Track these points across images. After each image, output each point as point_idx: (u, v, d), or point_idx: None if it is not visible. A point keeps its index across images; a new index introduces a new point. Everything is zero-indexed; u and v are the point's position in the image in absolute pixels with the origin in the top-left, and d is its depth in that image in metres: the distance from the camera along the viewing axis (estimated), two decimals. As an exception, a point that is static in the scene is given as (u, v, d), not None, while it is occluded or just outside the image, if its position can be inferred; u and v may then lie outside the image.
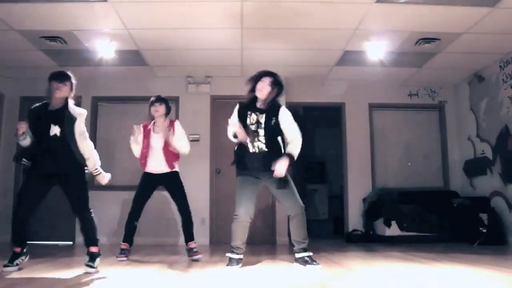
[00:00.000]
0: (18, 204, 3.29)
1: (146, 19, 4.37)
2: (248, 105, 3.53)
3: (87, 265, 3.14)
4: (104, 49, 5.01)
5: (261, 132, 3.44)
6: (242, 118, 3.50)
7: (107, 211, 5.79)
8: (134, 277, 2.98)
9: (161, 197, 5.51)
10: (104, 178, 3.41)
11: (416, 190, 6.07)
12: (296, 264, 3.41)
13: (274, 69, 5.79)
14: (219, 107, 6.15)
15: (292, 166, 3.40)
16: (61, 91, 3.28)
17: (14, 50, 5.10)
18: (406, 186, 6.19)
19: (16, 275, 2.95)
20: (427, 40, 4.81)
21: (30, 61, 5.47)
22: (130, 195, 5.75)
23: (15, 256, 3.16)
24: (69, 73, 3.33)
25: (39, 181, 3.17)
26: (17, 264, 3.14)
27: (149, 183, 4.19)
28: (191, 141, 5.79)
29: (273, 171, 3.29)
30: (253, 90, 3.51)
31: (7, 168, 5.93)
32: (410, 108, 6.54)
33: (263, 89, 3.46)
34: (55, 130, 3.19)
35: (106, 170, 5.97)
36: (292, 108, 6.39)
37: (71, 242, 5.76)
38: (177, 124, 4.21)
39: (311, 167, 8.14)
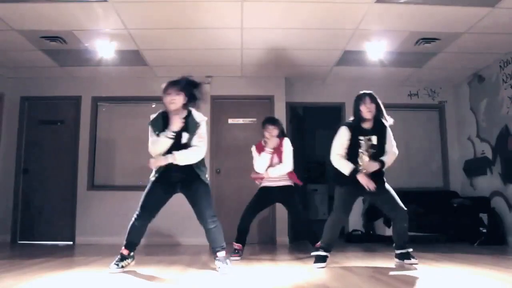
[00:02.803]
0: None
1: (146, 19, 4.37)
2: (355, 128, 3.54)
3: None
4: (104, 49, 5.00)
5: (373, 153, 3.53)
6: (354, 145, 3.52)
7: (108, 211, 5.80)
8: (134, 277, 2.98)
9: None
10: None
11: (416, 190, 6.06)
12: (396, 260, 3.65)
13: (274, 68, 5.86)
14: (219, 107, 6.15)
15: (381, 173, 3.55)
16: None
17: (14, 50, 5.10)
18: (406, 186, 6.19)
19: (16, 275, 2.95)
20: (427, 40, 4.81)
21: (30, 61, 5.47)
22: (130, 195, 5.79)
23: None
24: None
25: None
26: None
27: (267, 196, 4.26)
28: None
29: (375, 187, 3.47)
30: (358, 112, 3.54)
31: (7, 168, 5.93)
32: (410, 108, 6.54)
33: (371, 109, 3.50)
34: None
35: (105, 170, 6.08)
36: (292, 108, 6.44)
37: (71, 242, 5.75)
38: (286, 141, 4.26)
39: (311, 167, 8.15)
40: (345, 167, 3.48)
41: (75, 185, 5.90)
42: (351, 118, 3.62)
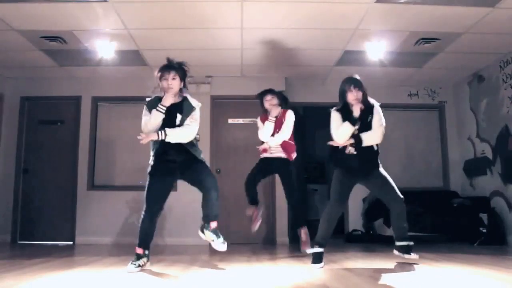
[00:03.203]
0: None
1: (146, 19, 4.37)
2: (343, 112, 3.51)
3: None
4: (104, 49, 5.00)
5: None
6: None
7: (108, 211, 5.80)
8: (134, 277, 2.98)
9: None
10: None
11: (416, 190, 6.06)
12: (396, 252, 3.58)
13: (274, 68, 5.85)
14: (219, 107, 6.15)
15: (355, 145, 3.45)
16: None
17: (14, 50, 5.10)
18: (406, 186, 6.17)
19: (16, 275, 2.95)
20: (427, 40, 4.81)
21: (30, 61, 5.47)
22: (130, 195, 5.80)
23: None
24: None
25: None
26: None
27: (265, 167, 4.30)
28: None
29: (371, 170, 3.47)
30: (344, 99, 3.52)
31: (7, 168, 5.93)
32: (410, 108, 6.54)
33: (358, 97, 3.46)
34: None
35: (105, 170, 6.08)
36: (292, 108, 6.42)
37: (71, 242, 5.75)
38: (289, 113, 4.30)
39: (311, 167, 8.14)
40: (345, 126, 3.42)
41: (75, 185, 5.90)
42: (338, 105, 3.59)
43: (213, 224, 3.34)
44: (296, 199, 4.27)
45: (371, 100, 3.56)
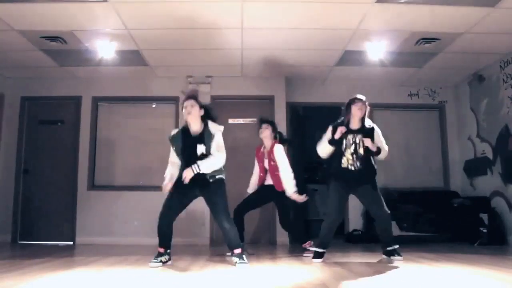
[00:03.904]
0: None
1: (146, 19, 4.37)
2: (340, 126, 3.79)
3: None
4: (104, 49, 5.00)
5: (360, 151, 3.74)
6: (339, 142, 3.77)
7: (108, 211, 5.80)
8: (134, 277, 2.98)
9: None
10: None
11: (416, 190, 6.06)
12: (384, 256, 3.89)
13: (274, 68, 5.86)
14: (219, 107, 6.14)
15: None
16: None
17: (14, 50, 5.10)
18: (406, 186, 6.19)
19: (16, 275, 2.95)
20: (427, 40, 4.81)
21: (30, 61, 5.47)
22: (130, 195, 5.80)
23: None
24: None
25: None
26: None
27: (263, 193, 4.50)
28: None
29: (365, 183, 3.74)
30: (348, 111, 3.82)
31: (7, 168, 5.93)
32: (410, 108, 6.54)
33: (362, 110, 3.77)
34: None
35: (105, 170, 6.08)
36: (292, 108, 6.43)
37: (71, 242, 5.75)
38: (276, 148, 4.38)
39: (311, 167, 8.13)
40: (323, 143, 3.81)
41: (75, 185, 5.90)
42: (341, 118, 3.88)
43: (236, 251, 3.55)
44: (290, 225, 4.47)
45: (370, 123, 3.84)
